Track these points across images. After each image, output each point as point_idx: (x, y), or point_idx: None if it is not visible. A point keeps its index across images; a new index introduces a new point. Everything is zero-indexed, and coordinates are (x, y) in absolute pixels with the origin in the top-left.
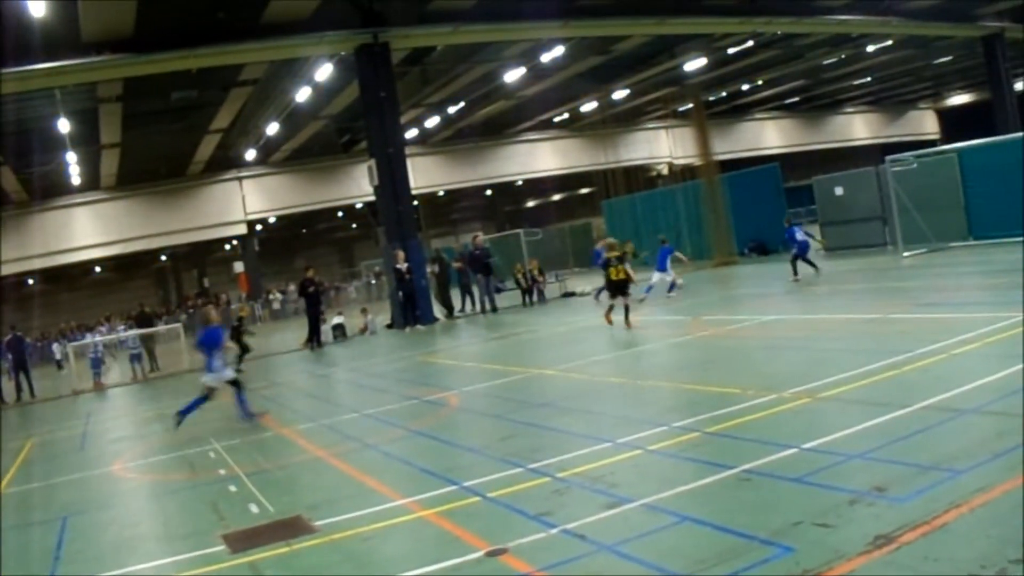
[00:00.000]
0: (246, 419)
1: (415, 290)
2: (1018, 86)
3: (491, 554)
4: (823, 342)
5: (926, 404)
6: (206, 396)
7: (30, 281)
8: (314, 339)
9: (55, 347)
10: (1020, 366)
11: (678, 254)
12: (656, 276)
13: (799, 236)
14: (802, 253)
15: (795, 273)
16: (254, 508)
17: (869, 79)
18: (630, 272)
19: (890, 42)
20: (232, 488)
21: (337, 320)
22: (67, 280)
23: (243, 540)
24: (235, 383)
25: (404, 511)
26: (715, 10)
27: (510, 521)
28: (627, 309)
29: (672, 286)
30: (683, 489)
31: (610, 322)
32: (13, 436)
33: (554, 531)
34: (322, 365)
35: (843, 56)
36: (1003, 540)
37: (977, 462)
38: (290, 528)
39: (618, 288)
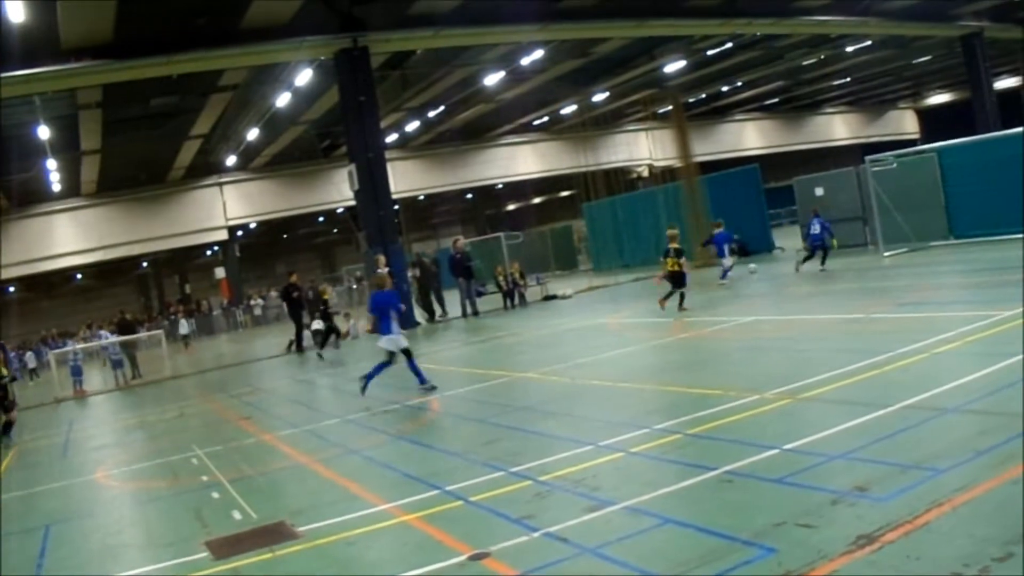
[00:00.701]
0: (424, 386)
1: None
2: (997, 85)
3: (474, 558)
4: (805, 342)
5: (908, 403)
6: (389, 361)
7: (10, 289)
8: (295, 344)
9: (28, 356)
10: (1002, 364)
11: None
12: (727, 261)
13: (815, 229)
14: (817, 244)
15: (823, 263)
16: (237, 515)
17: (849, 79)
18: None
19: (869, 42)
20: (215, 495)
21: (317, 325)
22: (48, 288)
23: (226, 547)
24: (407, 351)
25: (387, 516)
26: (694, 12)
27: (492, 525)
28: (682, 297)
29: (725, 273)
30: (665, 491)
31: (663, 307)
32: None
33: (536, 534)
34: (304, 370)
35: (822, 57)
36: (985, 539)
37: (959, 461)
38: (273, 534)
39: (674, 278)
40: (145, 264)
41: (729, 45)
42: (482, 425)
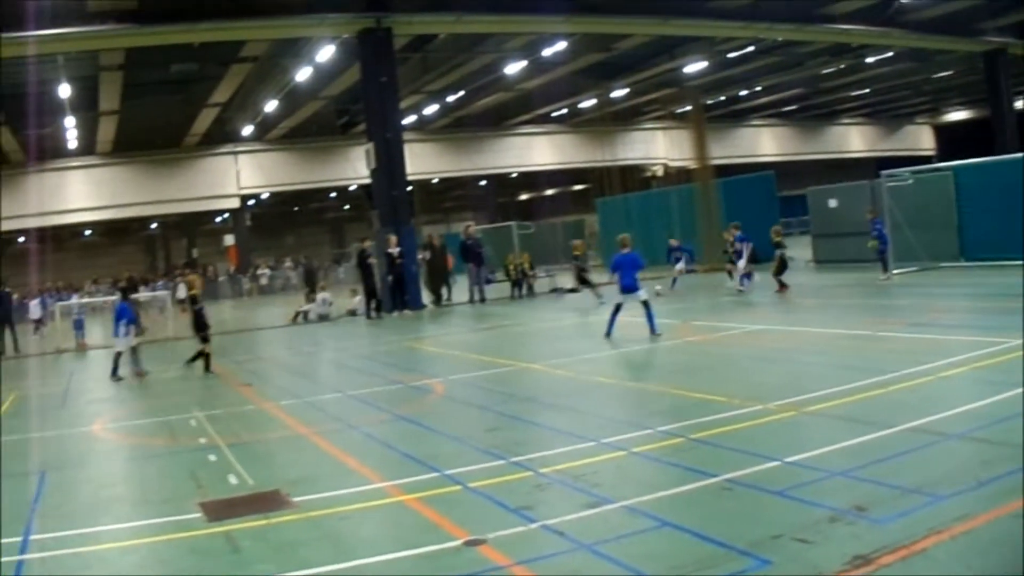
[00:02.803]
0: (655, 334)
1: (405, 275)
2: (1018, 104)
3: (469, 543)
4: (810, 355)
5: (911, 426)
6: (618, 307)
7: (21, 239)
8: (376, 306)
9: (32, 305)
10: (1009, 394)
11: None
12: (741, 264)
13: (885, 230)
14: (886, 249)
15: (885, 270)
16: (233, 479)
17: (868, 91)
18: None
19: (891, 53)
20: (212, 457)
21: (323, 296)
22: (57, 241)
23: (220, 509)
24: (646, 303)
25: (384, 494)
26: (718, 13)
27: (490, 512)
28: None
29: (744, 279)
30: (664, 494)
31: None
32: None
33: (534, 526)
34: (308, 343)
35: (842, 66)
36: (983, 571)
37: (959, 489)
38: (268, 501)
39: None
40: (154, 226)
41: (750, 49)
42: (485, 412)
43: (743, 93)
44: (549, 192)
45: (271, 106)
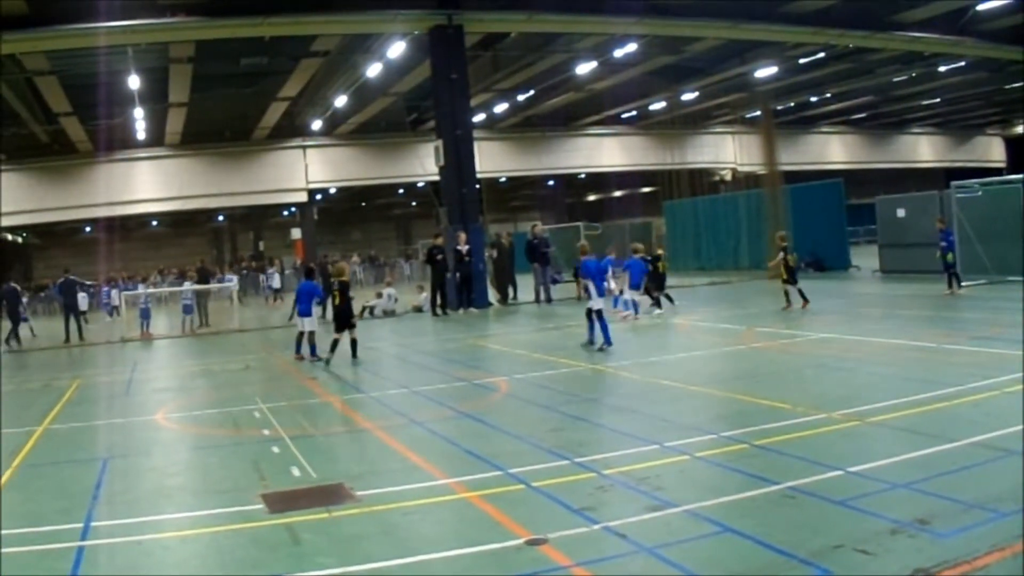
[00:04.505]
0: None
1: (472, 273)
2: None
3: (531, 543)
4: (875, 366)
5: (975, 440)
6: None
7: (87, 229)
8: (442, 305)
9: (113, 293)
10: None
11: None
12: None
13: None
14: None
15: (950, 285)
16: (296, 471)
17: (938, 100)
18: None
19: (963, 63)
20: (275, 449)
21: (389, 291)
22: (123, 231)
23: (282, 501)
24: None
25: (447, 491)
26: (790, 18)
27: (552, 512)
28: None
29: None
30: (727, 499)
31: None
32: (60, 375)
33: (596, 527)
34: (373, 338)
35: (914, 75)
36: None
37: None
38: (331, 495)
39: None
40: (221, 218)
41: (821, 55)
42: (549, 412)
43: (813, 99)
44: (617, 193)
45: (340, 101)
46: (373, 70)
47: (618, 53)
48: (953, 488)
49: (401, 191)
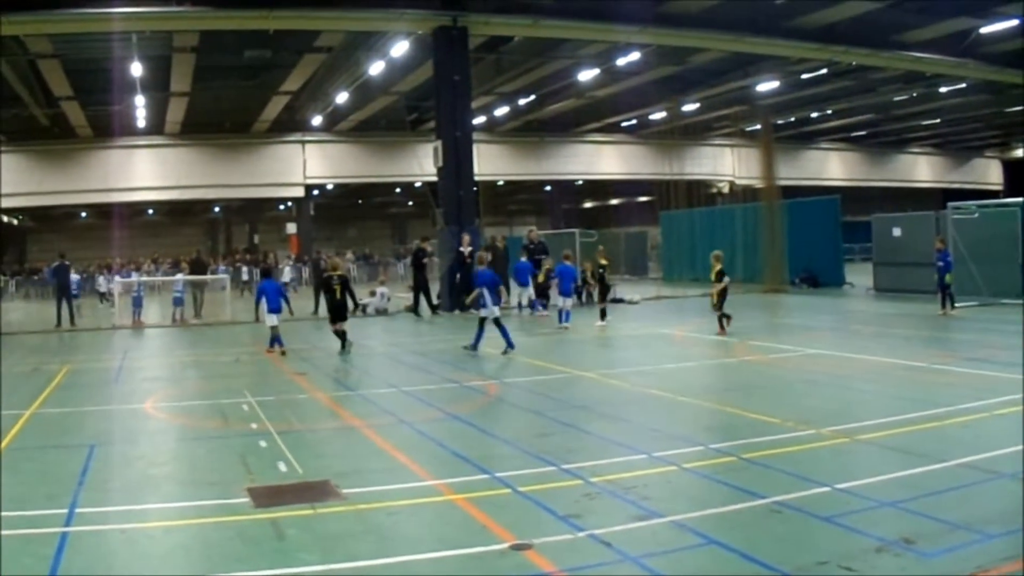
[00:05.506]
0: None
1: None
2: None
3: (516, 548)
4: (866, 383)
5: (964, 461)
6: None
7: (83, 214)
8: (429, 304)
9: (101, 280)
10: None
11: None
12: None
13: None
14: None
15: (944, 305)
16: (282, 466)
17: (938, 120)
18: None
19: (963, 85)
20: (262, 443)
21: (382, 290)
22: (119, 218)
23: (268, 496)
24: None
25: (433, 492)
26: (794, 33)
27: (538, 518)
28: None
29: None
30: (713, 511)
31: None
32: (50, 360)
33: (581, 534)
34: (364, 336)
35: (915, 94)
36: None
37: (1009, 529)
38: (317, 491)
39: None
40: (217, 209)
41: (824, 71)
42: (538, 417)
43: (813, 115)
44: (614, 201)
45: (341, 98)
46: (375, 68)
47: (620, 61)
48: (940, 508)
49: (398, 190)
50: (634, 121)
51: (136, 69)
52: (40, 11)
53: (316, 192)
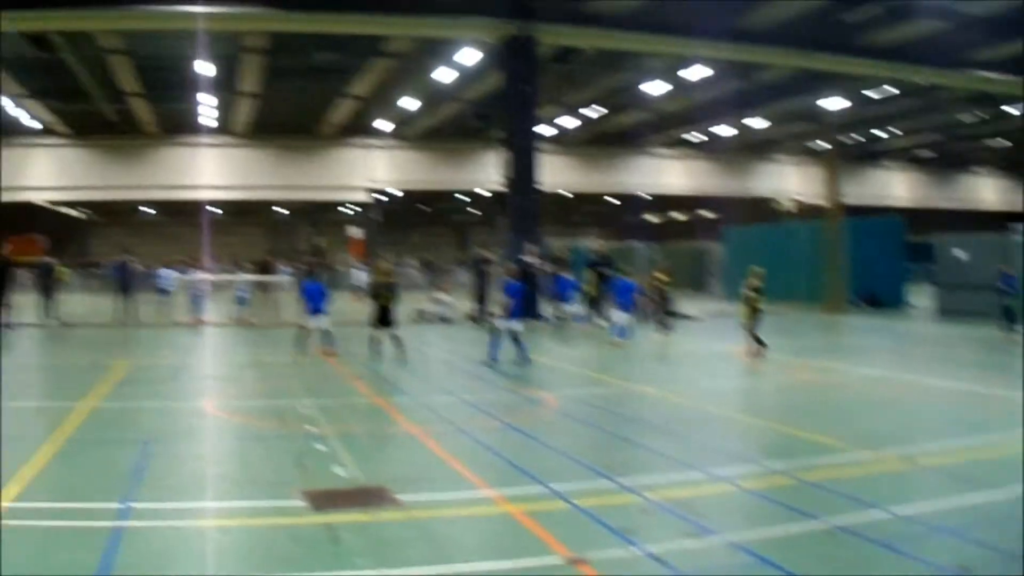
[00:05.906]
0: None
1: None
2: None
3: (571, 561)
4: (927, 407)
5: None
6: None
7: (151, 211)
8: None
9: (168, 276)
10: None
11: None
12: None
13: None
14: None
15: (1008, 329)
16: (339, 470)
17: (1010, 145)
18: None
19: None
20: (320, 447)
21: (444, 297)
22: (181, 216)
23: (324, 500)
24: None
25: (489, 502)
26: (863, 51)
27: (594, 532)
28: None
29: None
30: (769, 532)
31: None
32: (110, 355)
33: (635, 550)
34: (425, 343)
35: (984, 115)
36: None
37: None
38: (373, 497)
39: None
40: (280, 210)
41: (892, 90)
42: (596, 430)
43: (879, 134)
44: (677, 216)
45: (409, 103)
46: (444, 75)
47: (687, 75)
48: (997, 537)
49: (463, 198)
50: (699, 136)
51: (205, 68)
52: (113, 7)
53: (381, 197)
